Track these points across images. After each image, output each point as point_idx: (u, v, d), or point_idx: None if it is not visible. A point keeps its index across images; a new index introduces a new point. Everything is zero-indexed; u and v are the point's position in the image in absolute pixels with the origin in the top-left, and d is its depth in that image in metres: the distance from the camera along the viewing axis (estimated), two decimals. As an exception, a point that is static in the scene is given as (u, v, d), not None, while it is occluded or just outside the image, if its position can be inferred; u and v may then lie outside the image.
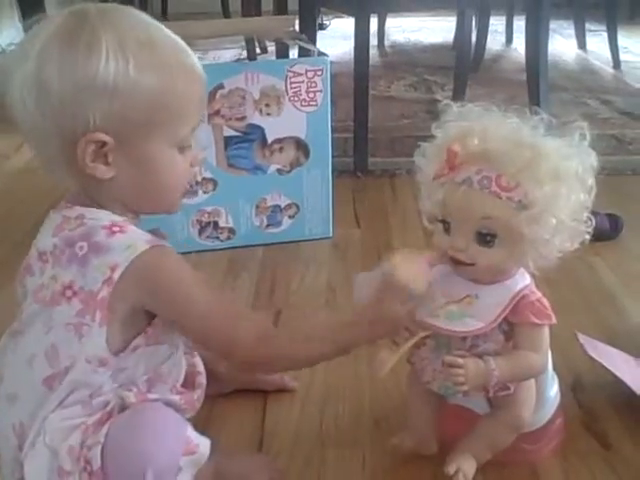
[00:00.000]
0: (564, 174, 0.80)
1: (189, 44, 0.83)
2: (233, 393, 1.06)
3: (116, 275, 0.75)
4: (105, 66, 0.73)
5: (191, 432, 0.78)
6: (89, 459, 0.74)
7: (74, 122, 0.74)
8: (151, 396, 0.80)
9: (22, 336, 0.80)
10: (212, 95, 1.42)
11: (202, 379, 0.89)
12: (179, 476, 0.75)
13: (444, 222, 0.84)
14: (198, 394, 0.87)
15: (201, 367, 0.89)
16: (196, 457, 0.77)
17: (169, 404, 0.80)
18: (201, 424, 0.85)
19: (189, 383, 0.87)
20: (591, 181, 0.82)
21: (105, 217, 0.78)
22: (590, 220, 0.82)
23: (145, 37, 0.77)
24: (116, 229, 0.77)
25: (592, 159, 0.82)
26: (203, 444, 0.78)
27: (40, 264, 0.79)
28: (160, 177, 0.81)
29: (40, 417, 0.77)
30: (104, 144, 0.75)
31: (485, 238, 0.82)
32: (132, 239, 0.77)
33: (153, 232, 0.81)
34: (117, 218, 0.79)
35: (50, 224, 0.80)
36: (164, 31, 0.80)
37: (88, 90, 0.74)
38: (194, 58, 0.82)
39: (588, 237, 0.83)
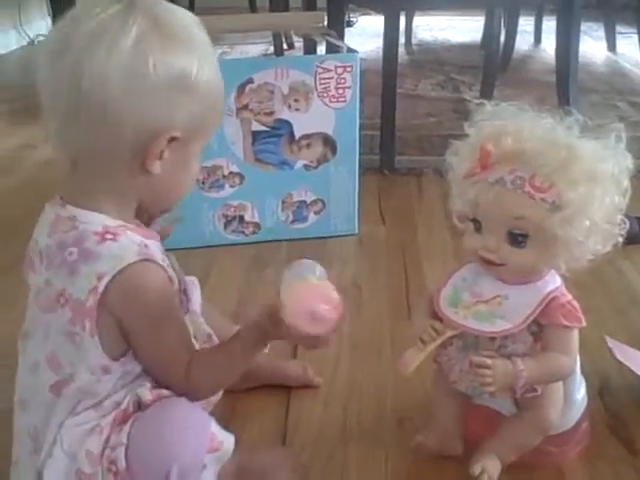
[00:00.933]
0: (599, 176, 0.79)
1: (218, 38, 0.83)
2: (256, 389, 1.06)
3: (102, 285, 0.73)
4: (198, 68, 0.75)
5: (215, 428, 0.77)
6: (114, 460, 0.74)
7: (159, 117, 0.74)
8: (165, 392, 0.79)
9: (28, 340, 0.80)
10: (241, 89, 1.42)
11: None
12: (203, 473, 0.75)
13: (475, 221, 0.84)
14: None
15: None
16: (220, 454, 0.77)
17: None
18: (224, 420, 0.85)
19: None
20: (626, 183, 0.81)
21: (98, 221, 0.76)
22: (624, 222, 0.82)
23: (206, 44, 0.78)
24: (109, 236, 0.75)
25: (628, 161, 0.81)
26: (227, 440, 0.78)
27: (38, 262, 0.78)
28: (185, 177, 0.82)
29: (53, 424, 0.77)
30: (172, 140, 0.76)
31: (517, 239, 0.81)
32: (122, 249, 0.74)
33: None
34: (111, 223, 0.76)
35: (45, 220, 0.79)
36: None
37: (182, 88, 0.74)
38: None
39: (621, 240, 0.82)
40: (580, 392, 0.93)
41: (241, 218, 1.54)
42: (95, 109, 0.72)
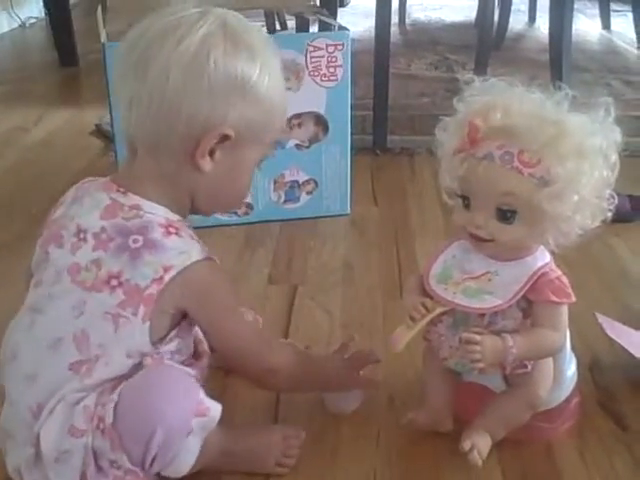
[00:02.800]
0: (587, 150, 0.79)
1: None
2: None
3: (168, 276, 0.76)
4: (259, 75, 0.79)
5: (203, 395, 0.78)
6: (102, 416, 0.75)
7: (213, 112, 0.78)
8: (167, 362, 0.80)
9: (43, 315, 0.80)
10: (231, 69, 1.41)
11: (205, 347, 0.90)
12: (189, 437, 0.76)
13: (464, 198, 0.84)
14: (205, 362, 0.88)
15: (201, 335, 0.89)
16: (207, 420, 0.77)
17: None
18: (216, 397, 0.84)
19: (194, 353, 0.88)
20: (615, 158, 0.81)
21: (162, 213, 0.79)
22: (612, 197, 0.81)
23: (275, 56, 0.84)
24: (172, 230, 0.78)
25: (617, 135, 0.81)
26: (214, 408, 0.79)
27: (75, 240, 0.79)
28: (240, 183, 0.86)
29: (60, 395, 0.77)
30: (224, 140, 0.79)
31: (505, 214, 0.81)
32: (187, 246, 0.78)
33: None
34: (173, 217, 0.80)
35: (95, 202, 0.80)
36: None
37: (239, 89, 0.78)
38: None
39: (610, 214, 0.82)
40: (570, 368, 0.94)
41: (233, 199, 1.53)
42: (155, 95, 0.77)
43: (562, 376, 0.91)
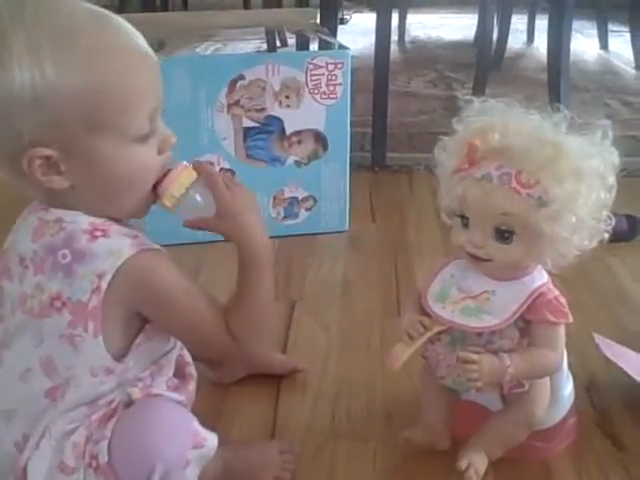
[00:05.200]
0: (585, 172, 0.79)
1: (211, 34, 0.82)
2: (245, 383, 1.06)
3: (104, 283, 0.72)
4: (19, 77, 0.67)
5: (198, 426, 0.77)
6: (95, 454, 0.73)
7: (8, 142, 0.71)
8: (154, 391, 0.79)
9: (8, 350, 0.77)
10: (232, 85, 1.43)
11: (192, 370, 0.87)
12: (187, 469, 0.74)
13: (462, 217, 0.84)
14: (192, 385, 0.86)
15: (189, 358, 0.88)
16: (204, 451, 0.76)
17: (171, 400, 0.79)
18: (213, 415, 0.84)
19: (180, 375, 0.85)
20: (612, 180, 0.82)
21: (84, 219, 0.74)
22: (610, 219, 0.82)
23: (63, 29, 0.70)
24: (98, 233, 0.73)
25: (614, 157, 0.82)
26: (211, 438, 0.77)
27: (20, 269, 0.75)
28: (122, 176, 0.75)
29: (44, 423, 0.75)
30: (49, 157, 0.71)
31: (503, 234, 0.81)
32: (116, 244, 0.73)
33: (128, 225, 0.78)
34: (97, 220, 0.74)
35: (27, 227, 0.76)
36: (92, 14, 0.72)
37: (9, 107, 0.69)
38: (132, 38, 0.74)
39: (607, 236, 0.83)
40: (567, 388, 0.94)
41: (232, 214, 1.53)
42: None
43: (559, 395, 0.92)
